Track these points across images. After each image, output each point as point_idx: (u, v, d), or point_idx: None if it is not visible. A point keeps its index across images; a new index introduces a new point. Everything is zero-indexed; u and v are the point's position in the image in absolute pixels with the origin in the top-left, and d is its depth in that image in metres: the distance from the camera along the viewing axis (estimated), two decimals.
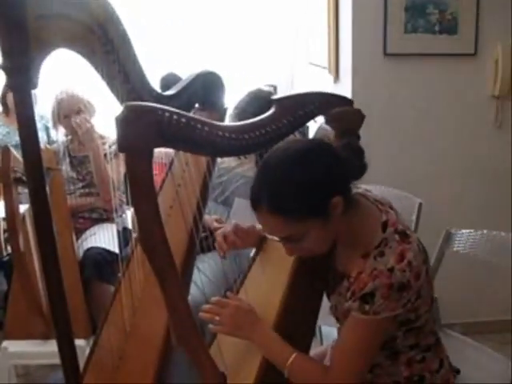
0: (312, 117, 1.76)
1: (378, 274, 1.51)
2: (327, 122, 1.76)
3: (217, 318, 1.71)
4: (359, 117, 1.74)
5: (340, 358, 1.63)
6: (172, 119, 1.46)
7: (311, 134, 3.49)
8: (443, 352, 1.85)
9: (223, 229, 1.98)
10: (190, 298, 2.27)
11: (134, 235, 2.31)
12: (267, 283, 1.85)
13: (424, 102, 3.54)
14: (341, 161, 1.55)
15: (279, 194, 1.51)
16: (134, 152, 1.43)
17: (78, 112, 3.40)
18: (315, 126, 1.81)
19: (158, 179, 2.44)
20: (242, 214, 2.88)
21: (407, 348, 1.73)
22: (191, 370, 2.58)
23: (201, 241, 2.33)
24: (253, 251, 2.05)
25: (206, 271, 2.89)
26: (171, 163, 2.34)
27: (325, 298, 1.83)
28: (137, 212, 1.48)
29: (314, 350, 2.01)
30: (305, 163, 1.52)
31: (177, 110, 1.48)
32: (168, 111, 1.46)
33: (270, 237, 1.64)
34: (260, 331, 1.69)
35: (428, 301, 1.66)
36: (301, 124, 1.72)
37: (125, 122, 1.41)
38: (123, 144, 1.42)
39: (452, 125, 3.58)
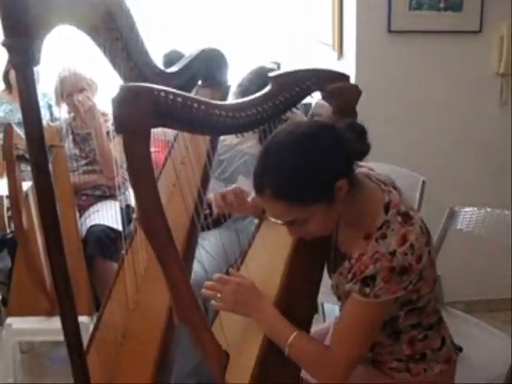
0: (309, 93, 1.75)
1: (380, 257, 1.51)
2: (324, 97, 1.76)
3: (218, 295, 1.70)
4: (356, 92, 1.73)
5: (340, 339, 1.63)
6: (168, 99, 1.45)
7: None
8: (445, 330, 1.85)
9: (222, 190, 1.97)
10: (192, 275, 2.28)
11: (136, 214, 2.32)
12: (268, 259, 1.85)
13: (428, 80, 3.52)
14: (344, 143, 1.52)
15: (282, 180, 1.49)
16: (131, 133, 1.42)
17: (81, 90, 3.39)
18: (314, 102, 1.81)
19: (160, 156, 2.44)
20: None
21: (409, 327, 1.74)
22: (194, 348, 2.60)
23: (204, 218, 2.33)
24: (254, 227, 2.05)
25: (208, 248, 2.90)
26: (174, 141, 2.33)
27: (327, 276, 1.83)
28: (135, 193, 1.48)
29: (316, 327, 2.02)
30: (308, 148, 1.49)
31: (173, 90, 1.48)
32: (164, 91, 1.45)
33: (273, 220, 1.63)
34: (261, 308, 1.68)
35: (430, 282, 1.66)
36: (298, 100, 1.72)
37: (121, 103, 1.41)
38: (119, 125, 1.42)
39: (456, 102, 3.57)
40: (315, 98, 1.80)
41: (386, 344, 1.76)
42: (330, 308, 2.96)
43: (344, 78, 1.79)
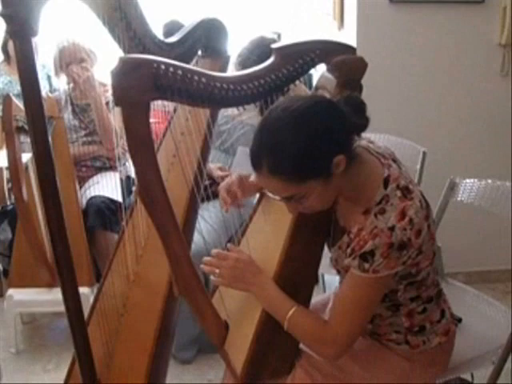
0: (313, 65, 1.72)
1: (379, 233, 1.50)
2: (329, 70, 1.72)
3: (217, 270, 1.70)
4: (362, 65, 1.70)
5: (339, 314, 1.63)
6: (168, 71, 1.44)
7: (314, 83, 3.46)
8: (445, 303, 1.86)
9: (226, 181, 1.96)
10: (192, 245, 2.28)
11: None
12: (269, 233, 1.85)
13: (430, 50, 3.49)
14: (342, 118, 1.50)
15: (279, 156, 1.46)
16: (130, 106, 1.42)
17: (80, 60, 3.37)
18: (318, 75, 1.78)
19: (161, 127, 2.44)
20: (245, 164, 2.88)
21: (408, 300, 1.74)
22: (195, 318, 2.61)
23: (204, 189, 2.33)
24: (255, 200, 2.05)
25: (208, 219, 2.90)
26: (174, 111, 2.32)
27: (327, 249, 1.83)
28: (135, 166, 1.48)
29: (317, 298, 2.02)
30: (305, 124, 1.46)
31: (173, 62, 1.46)
32: (164, 63, 1.44)
33: (271, 195, 1.62)
34: (260, 283, 1.68)
35: (429, 255, 1.65)
36: (301, 73, 1.69)
37: (120, 75, 1.40)
38: (118, 98, 1.41)
39: (458, 73, 3.54)
40: (320, 71, 1.77)
41: (385, 316, 1.76)
42: (330, 279, 2.97)
43: (350, 50, 1.75)
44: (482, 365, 2.00)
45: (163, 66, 1.43)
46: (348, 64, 1.70)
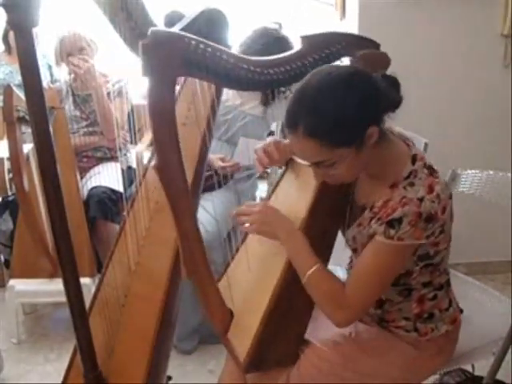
0: (338, 57, 1.74)
1: (408, 202, 1.53)
2: (353, 63, 1.74)
3: (246, 218, 1.73)
4: (386, 60, 1.74)
5: (358, 279, 1.63)
6: (198, 48, 1.45)
7: None
8: (451, 292, 1.87)
9: (263, 144, 1.96)
10: None
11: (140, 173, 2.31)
12: (293, 199, 1.86)
13: (432, 41, 3.48)
14: (378, 91, 1.54)
15: (317, 118, 1.48)
16: (157, 78, 1.42)
17: (80, 49, 3.36)
18: None
19: None
20: (246, 154, 2.88)
21: (420, 285, 1.75)
22: (196, 307, 2.62)
23: (206, 179, 2.33)
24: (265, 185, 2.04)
25: (209, 209, 2.90)
26: (175, 100, 2.31)
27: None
28: (155, 140, 1.48)
29: None
30: (345, 90, 1.49)
31: (204, 40, 1.47)
32: (194, 39, 1.45)
33: (299, 161, 1.63)
34: (288, 229, 1.69)
35: (448, 237, 1.68)
36: (326, 63, 1.70)
37: (150, 47, 1.41)
38: (147, 69, 1.42)
39: (460, 64, 3.53)
40: (343, 63, 1.78)
41: (395, 301, 1.77)
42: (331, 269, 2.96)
43: (374, 45, 1.78)
44: (482, 356, 2.00)
45: (193, 42, 1.45)
46: (373, 58, 1.73)
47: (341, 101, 1.48)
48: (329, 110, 1.48)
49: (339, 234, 1.83)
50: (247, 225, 1.74)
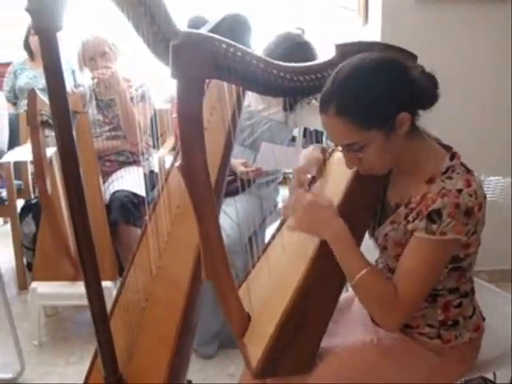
0: None
1: (447, 193, 1.53)
2: None
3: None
4: None
5: (405, 279, 1.61)
6: (228, 51, 1.45)
7: None
8: (475, 300, 1.86)
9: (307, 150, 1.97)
10: None
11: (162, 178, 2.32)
12: (329, 188, 1.85)
13: (454, 47, 3.46)
14: (414, 81, 1.57)
15: (349, 97, 1.51)
16: (186, 81, 1.43)
17: (103, 54, 3.38)
18: None
19: None
20: (269, 159, 2.88)
21: (446, 291, 1.74)
22: (216, 313, 2.62)
23: (228, 184, 2.33)
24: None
25: (231, 214, 2.90)
26: None
27: None
28: (182, 141, 1.49)
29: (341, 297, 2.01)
30: (378, 73, 1.52)
31: (234, 43, 1.47)
32: (225, 43, 1.45)
33: (332, 146, 1.62)
34: (335, 229, 1.65)
35: (478, 241, 1.68)
36: None
37: (180, 49, 1.41)
38: (176, 71, 1.42)
39: (482, 70, 3.51)
40: None
41: (420, 307, 1.75)
42: None
43: (411, 57, 1.76)
44: (504, 364, 1.98)
45: (224, 45, 1.45)
46: None
47: (373, 82, 1.51)
48: (360, 89, 1.51)
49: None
50: (291, 220, 1.72)
